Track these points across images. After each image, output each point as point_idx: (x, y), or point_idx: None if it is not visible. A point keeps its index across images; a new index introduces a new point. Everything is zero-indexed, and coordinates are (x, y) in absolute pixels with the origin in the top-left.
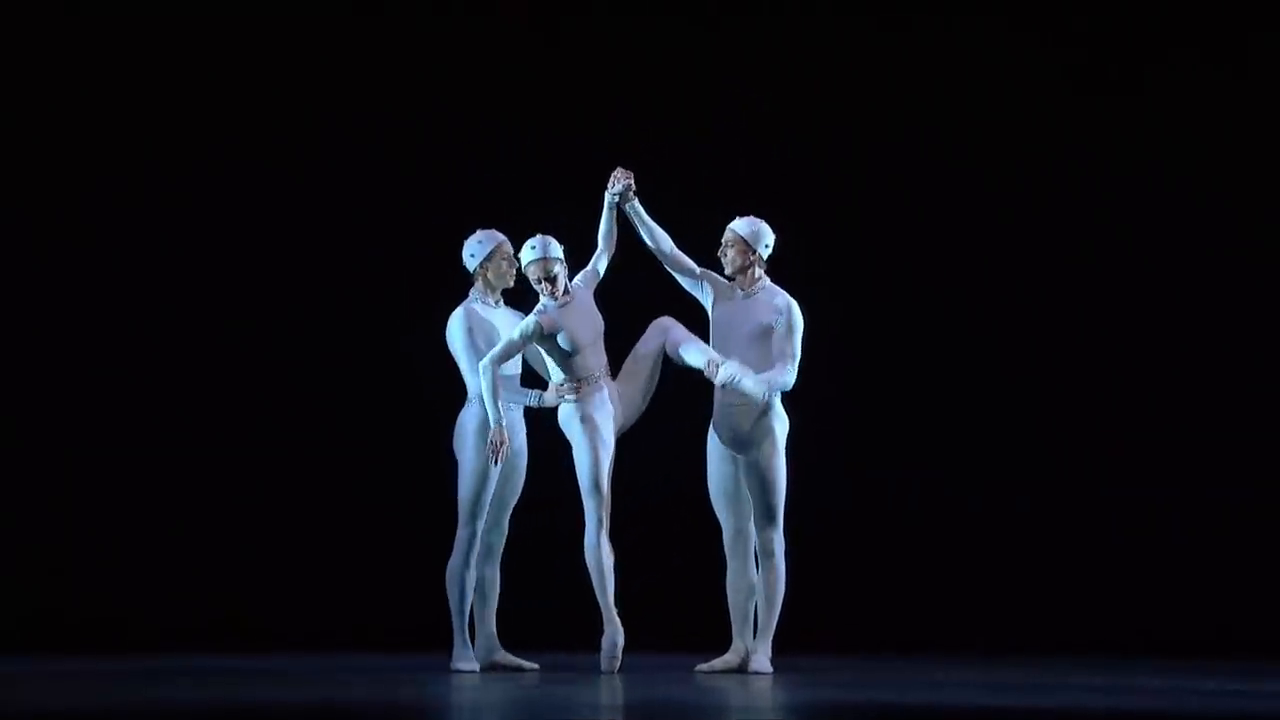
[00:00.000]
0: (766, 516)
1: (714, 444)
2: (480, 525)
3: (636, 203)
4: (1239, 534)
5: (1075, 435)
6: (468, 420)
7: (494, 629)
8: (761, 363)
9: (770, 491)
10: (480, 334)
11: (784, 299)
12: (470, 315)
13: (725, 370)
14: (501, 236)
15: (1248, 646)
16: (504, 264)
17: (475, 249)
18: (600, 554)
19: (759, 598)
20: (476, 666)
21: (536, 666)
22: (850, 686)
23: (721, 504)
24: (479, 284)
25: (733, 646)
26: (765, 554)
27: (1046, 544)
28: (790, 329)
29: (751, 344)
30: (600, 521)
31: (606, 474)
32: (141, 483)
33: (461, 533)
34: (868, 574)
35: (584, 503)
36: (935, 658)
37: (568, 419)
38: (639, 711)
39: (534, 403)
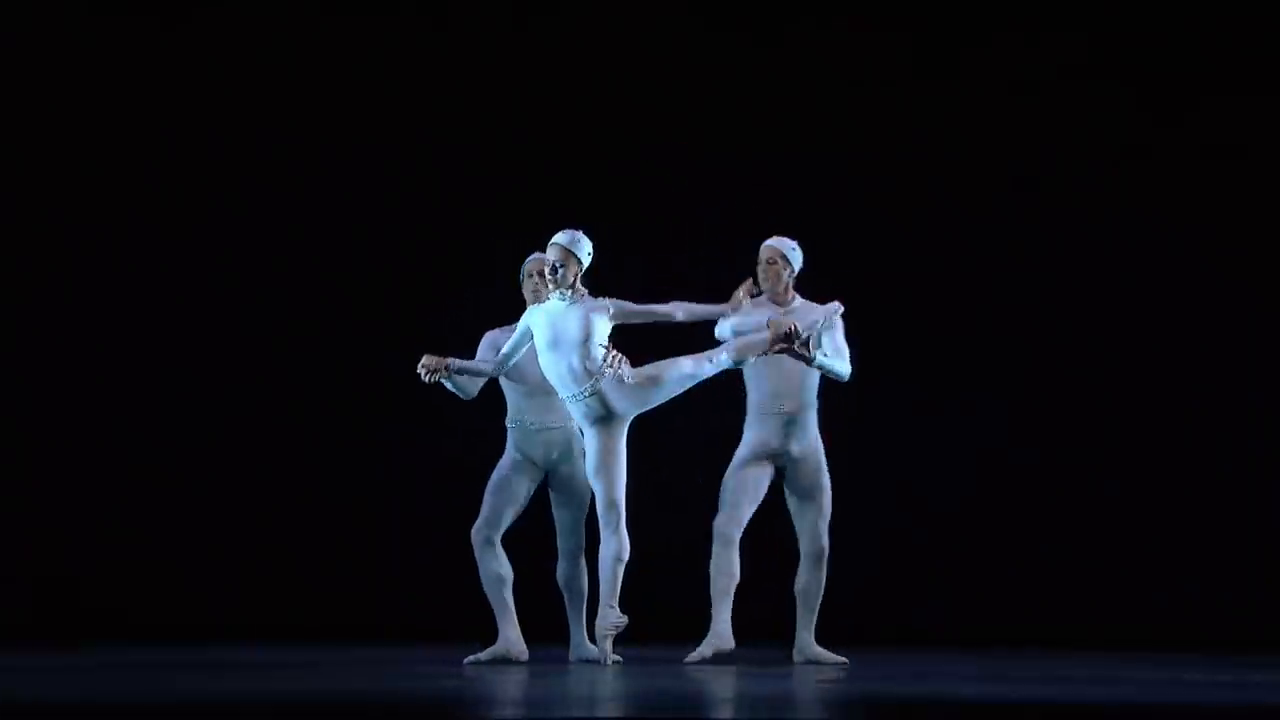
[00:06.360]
0: (820, 519)
1: (752, 440)
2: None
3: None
4: (1236, 531)
5: (1083, 431)
6: None
7: (583, 627)
8: (798, 373)
9: (823, 505)
10: None
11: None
12: None
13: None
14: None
15: (1238, 639)
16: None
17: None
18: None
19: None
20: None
21: (620, 659)
22: (881, 680)
23: (730, 488)
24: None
25: (711, 631)
26: (817, 552)
27: (1050, 538)
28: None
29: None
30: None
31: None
32: (160, 478)
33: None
34: (889, 569)
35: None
36: (948, 651)
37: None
38: (648, 702)
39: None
